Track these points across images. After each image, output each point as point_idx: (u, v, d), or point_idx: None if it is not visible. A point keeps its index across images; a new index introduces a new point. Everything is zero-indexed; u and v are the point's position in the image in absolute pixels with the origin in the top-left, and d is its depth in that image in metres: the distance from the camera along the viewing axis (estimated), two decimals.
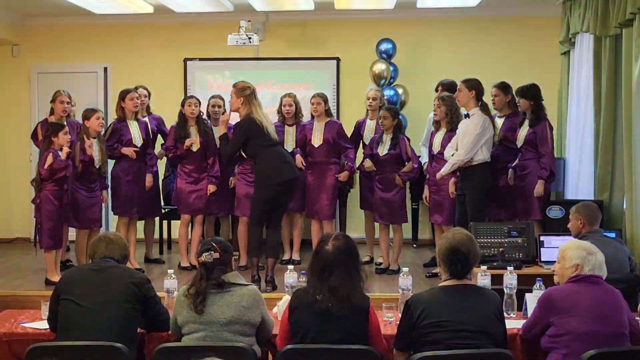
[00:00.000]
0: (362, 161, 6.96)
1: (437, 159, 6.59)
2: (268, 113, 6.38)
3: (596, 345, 3.28)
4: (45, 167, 6.10)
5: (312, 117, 7.12)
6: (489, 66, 8.43)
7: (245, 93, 5.98)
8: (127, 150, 6.74)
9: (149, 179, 6.92)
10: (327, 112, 7.08)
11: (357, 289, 3.42)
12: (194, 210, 6.97)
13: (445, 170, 6.23)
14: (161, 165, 7.56)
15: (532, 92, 6.48)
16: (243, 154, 6.34)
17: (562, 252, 3.69)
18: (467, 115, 6.18)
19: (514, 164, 6.55)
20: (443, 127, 6.62)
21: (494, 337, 3.34)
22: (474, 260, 3.47)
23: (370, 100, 7.16)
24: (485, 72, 7.97)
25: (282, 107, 7.14)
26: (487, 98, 6.77)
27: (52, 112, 6.82)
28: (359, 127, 7.30)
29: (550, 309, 3.50)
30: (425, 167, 6.97)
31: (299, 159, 6.93)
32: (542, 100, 6.51)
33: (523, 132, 6.50)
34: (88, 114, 6.57)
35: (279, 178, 5.98)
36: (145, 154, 6.95)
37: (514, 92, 6.66)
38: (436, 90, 7.39)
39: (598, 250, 3.68)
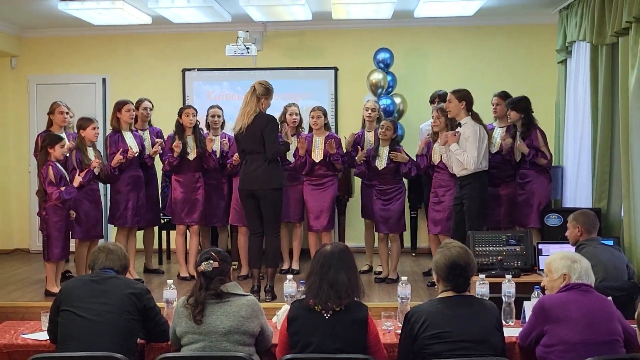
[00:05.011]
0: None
1: (437, 169, 6.59)
2: None
3: (589, 354, 3.29)
4: (48, 187, 6.08)
5: (310, 129, 7.11)
6: (486, 75, 8.47)
7: None
8: (117, 158, 6.54)
9: None
10: (326, 126, 7.07)
11: (356, 289, 3.46)
12: (188, 220, 6.97)
13: (452, 150, 6.09)
14: (160, 174, 7.55)
15: (522, 105, 6.51)
16: None
17: (548, 265, 3.73)
18: (459, 125, 6.17)
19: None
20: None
21: (494, 347, 3.35)
22: (472, 271, 3.50)
23: (370, 111, 7.11)
24: (482, 81, 8.03)
25: (289, 115, 7.04)
26: (486, 107, 6.80)
27: (50, 124, 6.80)
28: (358, 142, 7.19)
29: (543, 317, 3.51)
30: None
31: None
32: (532, 112, 6.54)
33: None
34: (84, 123, 6.52)
35: (239, 186, 6.12)
36: (143, 164, 6.95)
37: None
38: (431, 102, 7.41)
39: (582, 257, 3.72)
